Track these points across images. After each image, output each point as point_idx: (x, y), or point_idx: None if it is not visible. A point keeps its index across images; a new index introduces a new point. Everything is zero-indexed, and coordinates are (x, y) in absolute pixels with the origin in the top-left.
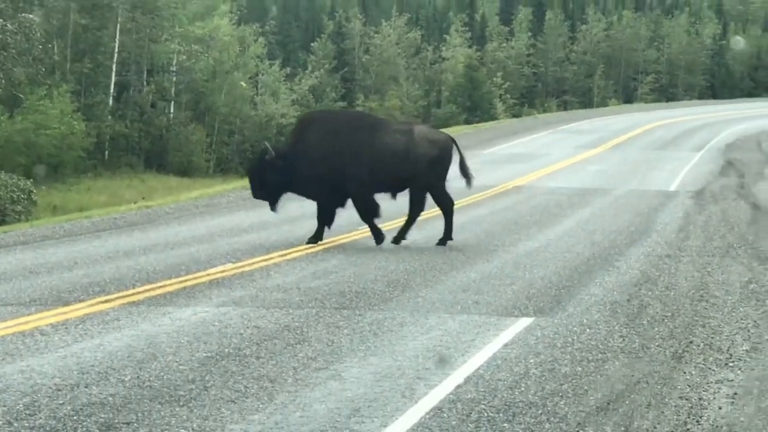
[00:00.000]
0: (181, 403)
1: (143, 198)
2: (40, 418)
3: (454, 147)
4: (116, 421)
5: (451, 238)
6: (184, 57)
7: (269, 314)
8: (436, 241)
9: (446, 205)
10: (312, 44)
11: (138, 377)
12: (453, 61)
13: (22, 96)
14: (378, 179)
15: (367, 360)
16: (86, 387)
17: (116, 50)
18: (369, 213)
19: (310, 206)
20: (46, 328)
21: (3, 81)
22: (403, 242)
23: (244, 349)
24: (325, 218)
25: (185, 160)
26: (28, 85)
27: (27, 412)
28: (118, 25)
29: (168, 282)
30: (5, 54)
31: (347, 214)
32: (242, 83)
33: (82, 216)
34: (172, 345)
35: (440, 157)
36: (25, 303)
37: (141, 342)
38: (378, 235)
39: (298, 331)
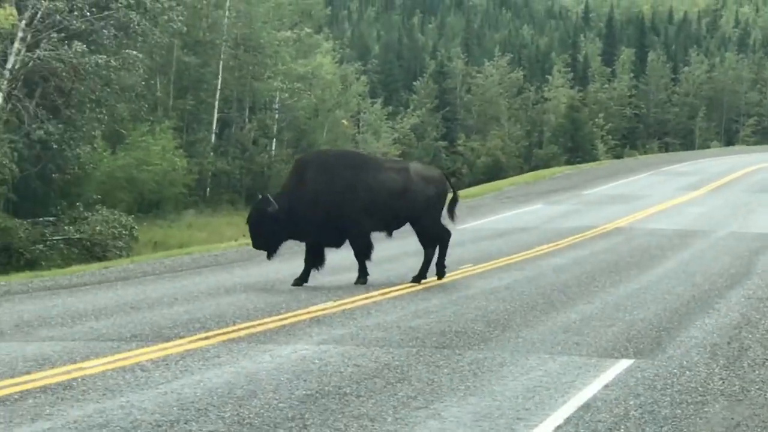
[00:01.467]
0: None
1: (244, 235)
2: None
3: (448, 184)
4: None
5: (444, 274)
6: (287, 95)
7: (369, 352)
8: (413, 278)
9: (443, 240)
10: (414, 83)
11: (238, 414)
12: (555, 102)
13: (124, 132)
14: (375, 218)
15: (466, 400)
16: (186, 423)
17: (219, 87)
18: (365, 252)
19: (409, 244)
20: (147, 364)
21: (106, 117)
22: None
23: (344, 387)
24: (315, 259)
25: None
26: (130, 121)
27: None
28: (221, 63)
29: (268, 319)
30: (108, 90)
31: (448, 253)
32: (344, 121)
33: (183, 252)
34: (272, 382)
35: (437, 194)
36: (125, 339)
37: (241, 379)
38: (364, 275)
39: (398, 370)
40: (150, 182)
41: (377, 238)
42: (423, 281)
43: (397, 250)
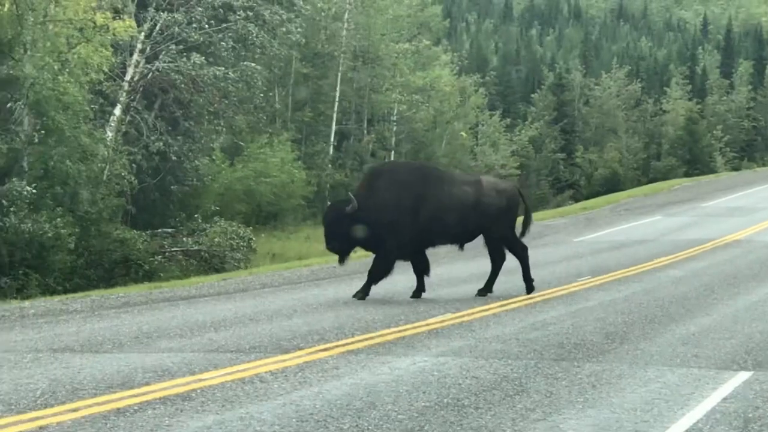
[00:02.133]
0: None
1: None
2: None
3: (520, 197)
4: None
5: (533, 288)
6: (405, 106)
7: (488, 365)
8: (478, 291)
9: (520, 254)
10: (532, 95)
11: (357, 426)
12: (673, 114)
13: (243, 144)
14: (441, 230)
15: (585, 412)
16: None
17: (337, 99)
18: (386, 271)
19: (530, 257)
20: (266, 375)
21: (224, 129)
22: (489, 294)
23: (462, 399)
24: (421, 268)
25: None
26: (249, 133)
27: None
28: (339, 75)
29: (387, 331)
30: (227, 102)
31: (565, 267)
32: (462, 133)
33: (301, 264)
34: (391, 394)
35: (508, 206)
36: (244, 350)
37: (360, 390)
38: (366, 293)
39: (516, 382)
40: (268, 194)
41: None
42: (533, 293)
43: (514, 262)
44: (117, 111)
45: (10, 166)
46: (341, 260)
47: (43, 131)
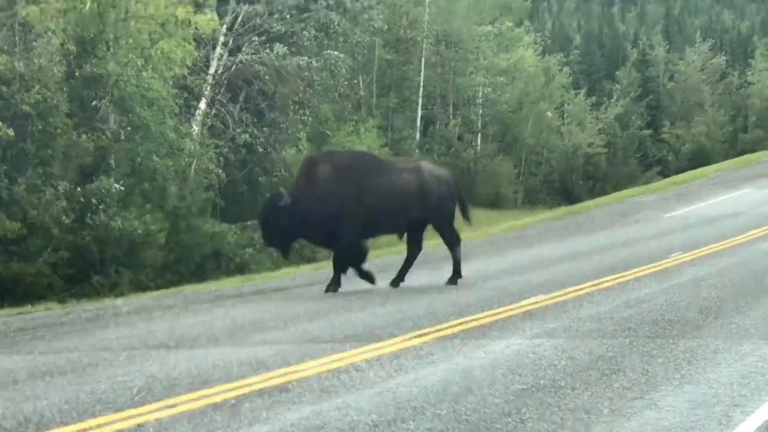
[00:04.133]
0: None
1: None
2: None
3: (455, 183)
4: None
5: (460, 276)
6: (490, 89)
7: (583, 345)
8: (446, 281)
9: (453, 242)
10: (616, 73)
11: (454, 411)
12: (759, 86)
13: (329, 133)
14: (385, 219)
15: (682, 388)
16: (403, 422)
17: (421, 84)
18: (348, 260)
19: (620, 235)
20: (361, 364)
21: (310, 118)
22: (402, 284)
23: (559, 380)
24: (347, 262)
25: (493, 192)
26: (334, 121)
27: None
28: (423, 60)
29: (481, 315)
30: (311, 91)
31: (656, 244)
32: (548, 113)
33: (393, 252)
34: (487, 378)
35: (448, 193)
36: (339, 340)
37: (456, 376)
38: (336, 283)
39: (612, 361)
40: None
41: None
42: (457, 284)
43: (607, 240)
44: (202, 105)
45: (98, 164)
46: (285, 255)
47: (129, 128)
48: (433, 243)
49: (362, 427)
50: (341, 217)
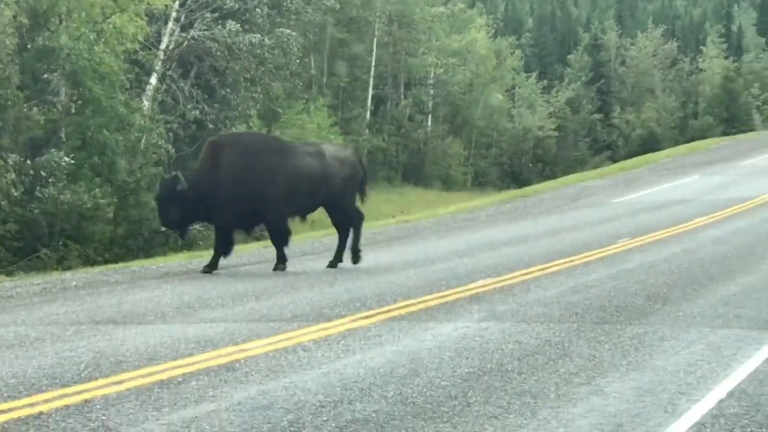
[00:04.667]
0: (444, 420)
1: (401, 212)
2: None
3: (360, 163)
4: None
5: (360, 258)
6: (441, 70)
7: (530, 329)
8: (329, 263)
9: (356, 222)
10: (568, 56)
11: (401, 393)
12: (710, 73)
13: (280, 110)
14: (292, 203)
15: (628, 375)
16: (350, 404)
17: (373, 64)
18: (284, 237)
19: (569, 219)
20: (309, 344)
21: (261, 96)
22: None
23: (506, 364)
24: (225, 246)
25: (443, 173)
26: (285, 99)
27: (291, 429)
28: (375, 39)
29: (428, 297)
30: (263, 69)
31: (605, 229)
32: (499, 96)
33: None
34: (434, 361)
35: (351, 175)
36: (287, 319)
37: (403, 358)
38: (283, 260)
39: (559, 346)
40: None
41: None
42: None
43: (558, 225)
44: (153, 80)
45: (48, 137)
46: (182, 236)
47: (80, 101)
48: (380, 224)
49: (309, 407)
50: (261, 199)
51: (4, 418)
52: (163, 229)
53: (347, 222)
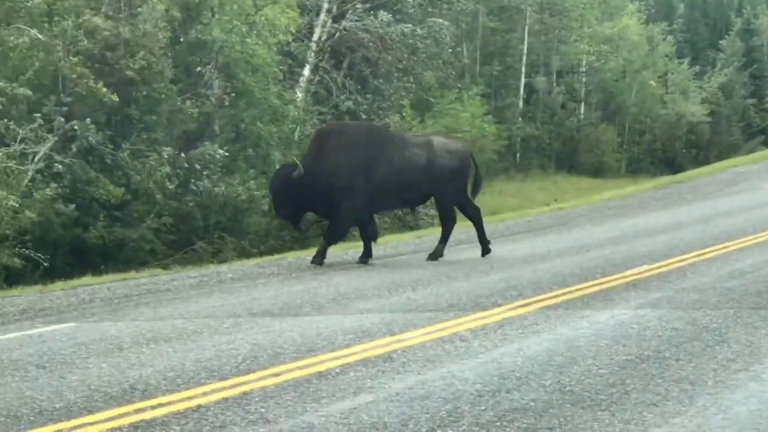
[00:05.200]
0: (602, 408)
1: (555, 200)
2: (463, 424)
3: (471, 156)
4: (538, 426)
5: (489, 250)
6: (593, 57)
7: (686, 315)
8: (428, 255)
9: (473, 215)
10: (720, 42)
11: (558, 382)
12: None
13: (432, 100)
14: (395, 194)
15: None
16: (507, 392)
17: (525, 52)
18: (342, 234)
19: (723, 205)
20: (466, 333)
21: (413, 86)
22: (441, 259)
23: (663, 351)
24: (368, 233)
25: (596, 160)
26: (438, 89)
27: (450, 419)
28: (527, 28)
29: (584, 285)
30: (415, 59)
31: (760, 214)
32: (652, 82)
33: (496, 219)
34: (591, 348)
35: (460, 167)
36: (443, 308)
37: (560, 346)
38: (323, 255)
39: (716, 333)
40: None
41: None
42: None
43: (711, 210)
44: (306, 71)
45: (202, 130)
46: (295, 227)
47: (233, 94)
48: (534, 212)
49: (467, 397)
50: (348, 189)
51: (163, 411)
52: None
53: (452, 215)
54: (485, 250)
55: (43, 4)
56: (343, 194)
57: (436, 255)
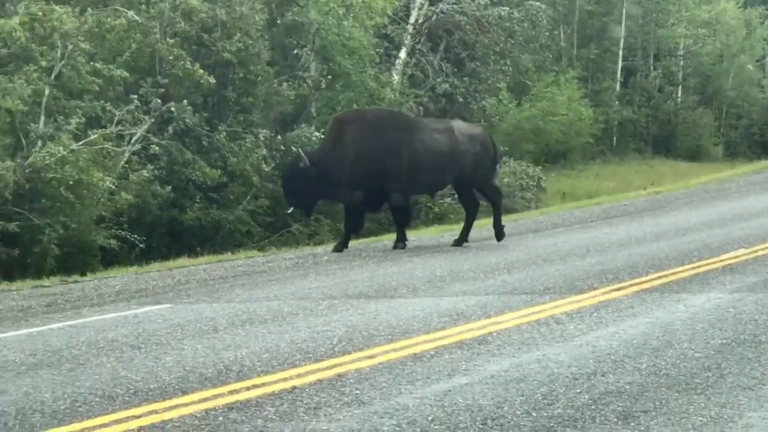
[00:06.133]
0: (698, 391)
1: (652, 184)
2: (558, 407)
3: (491, 140)
4: (634, 409)
5: (504, 234)
6: (691, 41)
7: None
8: (454, 241)
9: (496, 200)
10: None
11: (654, 365)
12: None
13: (529, 83)
14: (419, 179)
15: None
16: (602, 376)
17: (622, 36)
18: (406, 216)
19: None
20: (561, 316)
21: (510, 69)
22: (465, 244)
23: (759, 335)
24: (354, 224)
25: (693, 144)
26: (535, 72)
27: (545, 401)
28: (624, 11)
29: (680, 268)
30: (512, 42)
31: None
32: (749, 66)
33: (592, 203)
34: (687, 332)
35: (483, 151)
36: (539, 291)
37: (656, 329)
38: (403, 239)
39: None
40: (556, 132)
41: None
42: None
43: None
44: (402, 54)
45: (298, 112)
46: (309, 215)
47: (329, 76)
48: (631, 196)
49: (562, 380)
50: (386, 176)
51: (257, 392)
52: (290, 210)
53: (474, 200)
54: (499, 235)
55: None
56: (384, 182)
57: (460, 241)
